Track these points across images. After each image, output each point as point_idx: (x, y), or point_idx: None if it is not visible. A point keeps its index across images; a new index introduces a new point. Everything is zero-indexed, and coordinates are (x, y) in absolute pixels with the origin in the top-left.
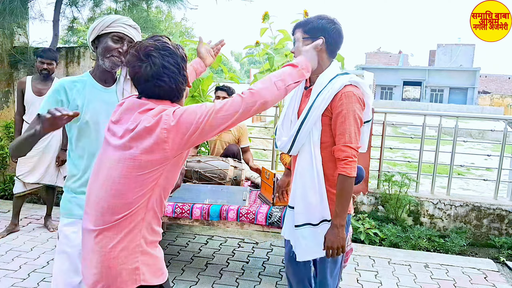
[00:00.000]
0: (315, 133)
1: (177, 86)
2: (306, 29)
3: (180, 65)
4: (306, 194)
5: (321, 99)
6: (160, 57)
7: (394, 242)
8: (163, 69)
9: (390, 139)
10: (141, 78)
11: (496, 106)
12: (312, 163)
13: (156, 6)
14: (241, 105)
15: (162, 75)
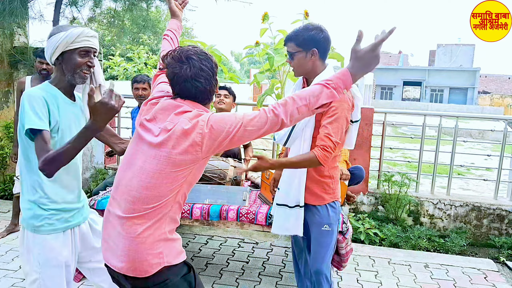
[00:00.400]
0: (307, 129)
1: (210, 88)
2: (298, 43)
3: (214, 70)
4: (289, 179)
5: None
6: (198, 61)
7: (394, 242)
8: (201, 71)
9: (390, 139)
10: (180, 79)
11: (496, 106)
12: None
13: (156, 6)
14: (266, 123)
15: (199, 77)
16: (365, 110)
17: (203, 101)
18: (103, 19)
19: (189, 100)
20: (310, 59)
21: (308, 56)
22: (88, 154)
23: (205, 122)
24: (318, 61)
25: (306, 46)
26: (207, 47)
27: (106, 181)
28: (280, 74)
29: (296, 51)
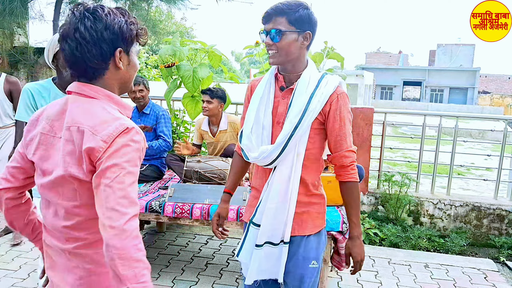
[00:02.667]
0: (302, 142)
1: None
2: (292, 19)
3: (102, 34)
4: (278, 211)
5: (317, 100)
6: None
7: (394, 242)
8: (75, 31)
9: (390, 139)
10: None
11: (496, 106)
12: (290, 176)
13: (156, 6)
14: None
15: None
16: (365, 110)
17: (91, 78)
18: None
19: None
20: (301, 44)
21: (299, 40)
22: None
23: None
24: (304, 50)
25: (301, 25)
26: (208, 47)
27: None
28: None
29: (288, 29)
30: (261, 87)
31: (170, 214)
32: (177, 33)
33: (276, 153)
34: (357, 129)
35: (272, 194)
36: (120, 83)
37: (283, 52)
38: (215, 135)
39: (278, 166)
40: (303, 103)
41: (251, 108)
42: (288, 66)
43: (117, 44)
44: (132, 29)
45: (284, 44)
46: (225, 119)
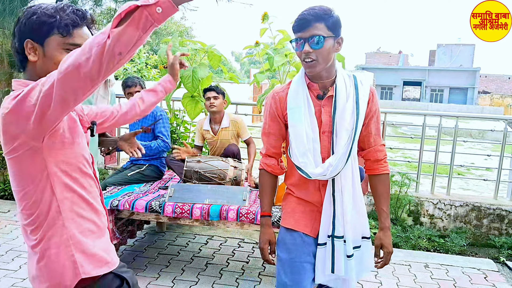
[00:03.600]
0: (355, 145)
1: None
2: (329, 24)
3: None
4: (355, 218)
5: (362, 103)
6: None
7: (394, 242)
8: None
9: (390, 139)
10: None
11: (496, 106)
12: (354, 180)
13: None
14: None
15: None
16: None
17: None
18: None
19: None
20: (336, 50)
21: (335, 46)
22: None
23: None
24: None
25: (336, 31)
26: (207, 47)
27: (106, 180)
28: (280, 74)
29: (328, 35)
30: (296, 98)
31: (170, 214)
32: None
33: (342, 164)
34: None
35: (346, 204)
36: (40, 73)
37: (322, 59)
38: (216, 133)
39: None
40: (352, 107)
41: (296, 124)
42: (323, 73)
43: (27, 36)
44: (46, 20)
45: (324, 50)
46: (227, 116)
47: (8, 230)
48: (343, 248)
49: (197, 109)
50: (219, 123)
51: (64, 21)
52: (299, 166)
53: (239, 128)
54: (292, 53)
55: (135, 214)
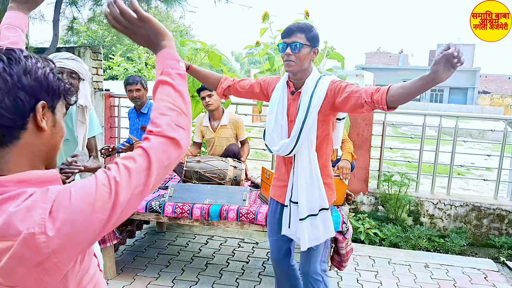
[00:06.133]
0: (312, 132)
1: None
2: (308, 36)
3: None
4: (309, 189)
5: (317, 98)
6: None
7: (394, 242)
8: None
9: (390, 139)
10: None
11: (496, 106)
12: (310, 160)
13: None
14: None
15: None
16: None
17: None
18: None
19: None
20: (311, 57)
21: (311, 54)
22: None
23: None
24: (311, 62)
25: (313, 42)
26: (207, 47)
27: None
28: (280, 74)
29: (305, 43)
30: (277, 92)
31: (170, 214)
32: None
33: (292, 144)
34: (357, 129)
35: (300, 177)
36: (42, 152)
37: (299, 62)
38: (215, 130)
39: (297, 154)
40: (307, 101)
41: (271, 110)
42: (298, 74)
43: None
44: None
45: (301, 55)
46: (227, 115)
47: None
48: (296, 212)
49: (197, 109)
50: (219, 119)
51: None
52: (266, 143)
53: (238, 128)
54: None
55: (135, 214)
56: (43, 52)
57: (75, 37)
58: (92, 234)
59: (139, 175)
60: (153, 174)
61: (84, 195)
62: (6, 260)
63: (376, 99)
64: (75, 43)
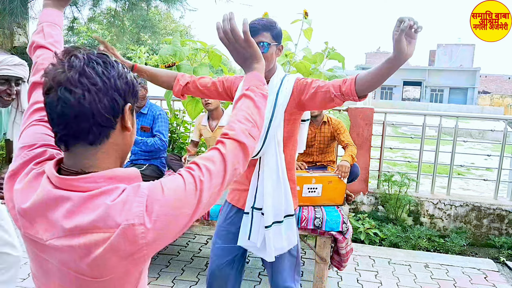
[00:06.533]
0: (279, 132)
1: (99, 110)
2: (273, 34)
3: (117, 84)
4: (275, 194)
5: (283, 96)
6: (84, 61)
7: (394, 242)
8: (81, 76)
9: (390, 139)
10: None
11: (496, 106)
12: (277, 162)
13: (155, 6)
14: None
15: (76, 84)
16: (365, 110)
17: (87, 139)
18: (103, 19)
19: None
20: (277, 55)
21: (276, 52)
22: None
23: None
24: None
25: (278, 40)
26: (208, 47)
27: None
28: None
29: (272, 43)
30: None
31: None
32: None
33: (259, 145)
34: (357, 129)
35: (266, 181)
36: (123, 150)
37: (267, 62)
38: (213, 130)
39: (264, 156)
40: (273, 99)
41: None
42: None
43: (128, 98)
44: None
45: (268, 55)
46: (226, 115)
47: None
48: (260, 219)
49: (197, 109)
50: (217, 119)
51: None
52: None
53: None
54: (292, 53)
55: None
56: None
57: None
58: (178, 228)
59: (218, 175)
60: (227, 175)
61: (175, 191)
62: (100, 251)
63: (345, 91)
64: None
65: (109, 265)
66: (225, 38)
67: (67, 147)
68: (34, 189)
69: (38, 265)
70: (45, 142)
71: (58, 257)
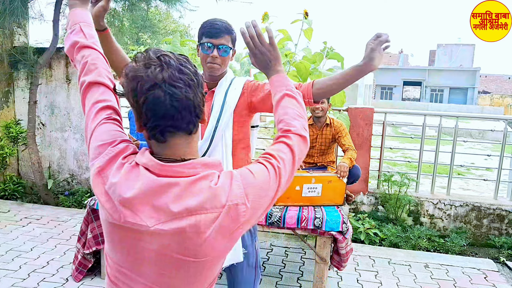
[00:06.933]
0: (227, 133)
1: (197, 102)
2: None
3: (198, 78)
4: None
5: (231, 96)
6: (175, 60)
7: (394, 242)
8: (180, 73)
9: (390, 139)
10: (145, 86)
11: (496, 106)
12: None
13: (155, 6)
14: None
15: (178, 80)
16: (365, 110)
17: (188, 129)
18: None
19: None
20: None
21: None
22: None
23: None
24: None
25: (234, 44)
26: None
27: None
28: None
29: (231, 47)
30: None
31: None
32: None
33: (205, 146)
34: (357, 129)
35: None
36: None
37: (223, 66)
38: None
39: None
40: (221, 99)
41: None
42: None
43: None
44: None
45: (226, 59)
46: None
47: (8, 230)
48: None
49: None
50: None
51: None
52: None
53: None
54: (292, 53)
55: None
56: (43, 52)
57: None
58: (263, 209)
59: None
60: (296, 165)
61: (262, 176)
62: (210, 231)
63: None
64: None
65: (214, 243)
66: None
67: (165, 138)
68: (133, 180)
69: (131, 255)
70: (123, 138)
71: (160, 241)
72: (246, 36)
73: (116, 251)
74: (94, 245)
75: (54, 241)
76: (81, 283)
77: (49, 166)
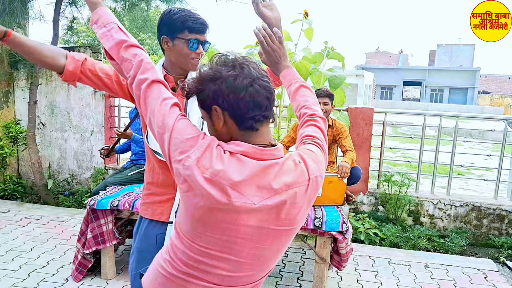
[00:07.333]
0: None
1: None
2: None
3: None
4: None
5: None
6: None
7: (394, 242)
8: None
9: (390, 139)
10: (238, 89)
11: (496, 106)
12: None
13: (156, 6)
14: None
15: (264, 76)
16: (365, 110)
17: (272, 118)
18: None
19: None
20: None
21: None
22: (88, 154)
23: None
24: None
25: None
26: None
27: (106, 180)
28: None
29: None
30: None
31: None
32: None
33: None
34: (357, 129)
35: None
36: None
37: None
38: None
39: None
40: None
41: None
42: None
43: None
44: None
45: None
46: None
47: (8, 230)
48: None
49: None
50: None
51: None
52: (156, 150)
53: None
54: (292, 52)
55: (135, 214)
56: None
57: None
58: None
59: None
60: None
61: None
62: (304, 201)
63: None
64: (75, 43)
65: (304, 211)
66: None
67: (257, 127)
68: (236, 166)
69: (225, 234)
70: (204, 132)
71: (260, 217)
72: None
73: (207, 235)
74: (94, 245)
75: (54, 241)
76: (81, 283)
77: (49, 166)
